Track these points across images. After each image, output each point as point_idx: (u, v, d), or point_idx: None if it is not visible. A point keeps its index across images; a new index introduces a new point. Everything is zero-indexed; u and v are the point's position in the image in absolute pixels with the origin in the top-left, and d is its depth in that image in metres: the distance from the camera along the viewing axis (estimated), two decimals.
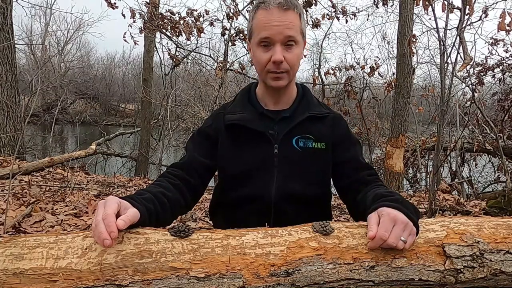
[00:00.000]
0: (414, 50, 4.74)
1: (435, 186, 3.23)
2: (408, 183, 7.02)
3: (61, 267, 0.66)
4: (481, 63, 5.97)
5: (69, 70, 17.30)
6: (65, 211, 2.67)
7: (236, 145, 1.07)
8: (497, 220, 0.84)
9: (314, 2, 4.85)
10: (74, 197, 3.13)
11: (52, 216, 2.52)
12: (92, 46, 30.26)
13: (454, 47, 2.41)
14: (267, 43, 0.98)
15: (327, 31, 9.93)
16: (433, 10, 2.50)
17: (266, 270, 0.69)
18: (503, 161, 4.04)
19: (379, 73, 6.67)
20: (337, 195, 1.16)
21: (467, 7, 2.24)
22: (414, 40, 3.13)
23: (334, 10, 5.52)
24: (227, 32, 6.07)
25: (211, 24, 5.89)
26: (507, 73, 5.98)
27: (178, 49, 7.07)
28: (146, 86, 7.80)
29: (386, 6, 5.55)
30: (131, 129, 11.26)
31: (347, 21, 5.66)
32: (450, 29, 2.69)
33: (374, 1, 5.35)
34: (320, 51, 10.04)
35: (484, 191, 6.13)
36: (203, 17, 5.48)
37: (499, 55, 5.78)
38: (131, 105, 20.07)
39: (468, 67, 2.76)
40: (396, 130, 5.11)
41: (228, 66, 6.00)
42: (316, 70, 10.52)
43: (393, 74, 6.78)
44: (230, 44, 6.24)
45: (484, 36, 14.48)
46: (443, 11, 2.39)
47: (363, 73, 7.15)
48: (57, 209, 2.72)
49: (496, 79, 6.31)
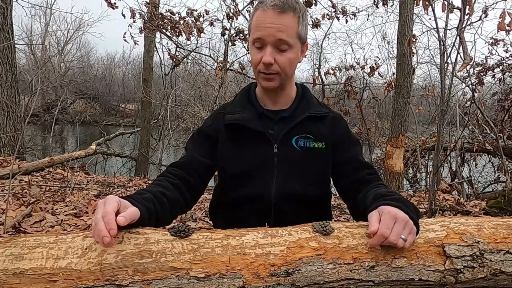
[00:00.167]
0: (414, 50, 4.73)
1: (435, 186, 3.23)
2: (408, 183, 7.02)
3: (61, 267, 0.65)
4: (481, 63, 5.97)
5: (69, 70, 17.27)
6: (65, 211, 2.67)
7: (236, 145, 1.07)
8: (497, 220, 0.85)
9: (314, 2, 4.85)
10: (74, 197, 3.12)
11: (52, 216, 2.52)
12: (92, 46, 30.28)
13: (454, 47, 2.41)
14: (260, 43, 0.98)
15: (327, 31, 9.96)
16: (433, 10, 2.50)
17: (266, 270, 0.69)
18: (503, 161, 4.04)
19: (379, 73, 6.67)
20: (337, 195, 1.16)
21: (467, 7, 2.24)
22: (414, 40, 3.13)
23: (334, 10, 5.52)
24: (227, 32, 6.07)
25: (211, 24, 5.89)
26: (507, 73, 5.98)
27: (178, 49, 7.08)
28: (146, 86, 7.80)
29: (386, 6, 5.55)
30: (131, 129, 11.26)
31: (347, 21, 5.67)
32: (450, 29, 2.69)
33: (374, 1, 5.35)
34: (320, 51, 10.08)
35: (484, 191, 6.13)
36: (203, 17, 5.48)
37: (499, 55, 5.79)
38: (131, 105, 20.06)
39: (468, 67, 2.76)
40: (396, 130, 5.11)
41: (228, 66, 5.99)
42: (316, 70, 10.56)
43: (393, 74, 6.79)
44: (230, 44, 6.24)
45: (484, 36, 14.49)
46: (443, 11, 2.39)
47: (363, 73, 7.16)
48: (57, 209, 2.72)
49: (496, 79, 6.31)
